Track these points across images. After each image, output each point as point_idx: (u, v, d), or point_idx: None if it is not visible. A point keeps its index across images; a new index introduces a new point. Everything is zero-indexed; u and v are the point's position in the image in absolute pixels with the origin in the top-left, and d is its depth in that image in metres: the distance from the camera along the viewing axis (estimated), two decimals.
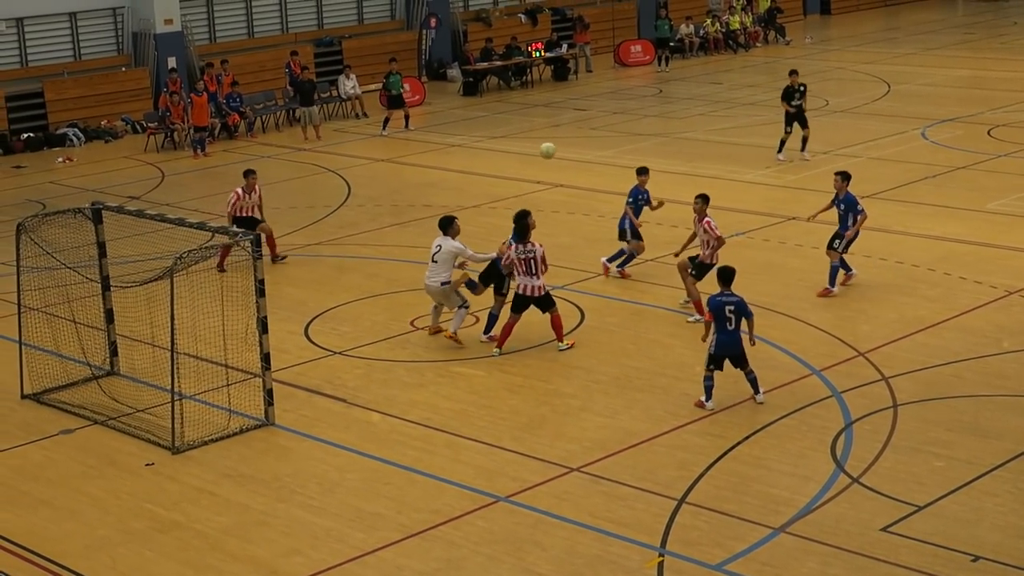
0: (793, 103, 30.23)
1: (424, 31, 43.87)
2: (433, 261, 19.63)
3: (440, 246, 19.68)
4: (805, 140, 30.32)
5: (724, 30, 48.50)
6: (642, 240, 22.23)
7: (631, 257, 22.33)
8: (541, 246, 19.31)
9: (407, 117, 36.62)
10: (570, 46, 44.69)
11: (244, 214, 23.93)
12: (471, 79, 41.77)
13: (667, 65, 45.26)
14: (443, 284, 19.54)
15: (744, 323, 17.13)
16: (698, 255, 20.36)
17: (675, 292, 21.37)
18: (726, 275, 17.29)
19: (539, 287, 19.28)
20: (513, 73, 42.88)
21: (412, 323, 20.74)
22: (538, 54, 43.13)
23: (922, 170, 29.03)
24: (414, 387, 18.36)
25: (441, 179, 30.52)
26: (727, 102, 38.28)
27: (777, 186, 28.53)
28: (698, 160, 30.84)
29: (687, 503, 14.60)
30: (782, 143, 30.40)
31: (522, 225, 19.27)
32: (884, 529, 13.83)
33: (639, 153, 31.86)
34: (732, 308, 17.00)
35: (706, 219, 20.25)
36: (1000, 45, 47.29)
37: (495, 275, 20.04)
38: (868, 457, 15.49)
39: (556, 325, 19.47)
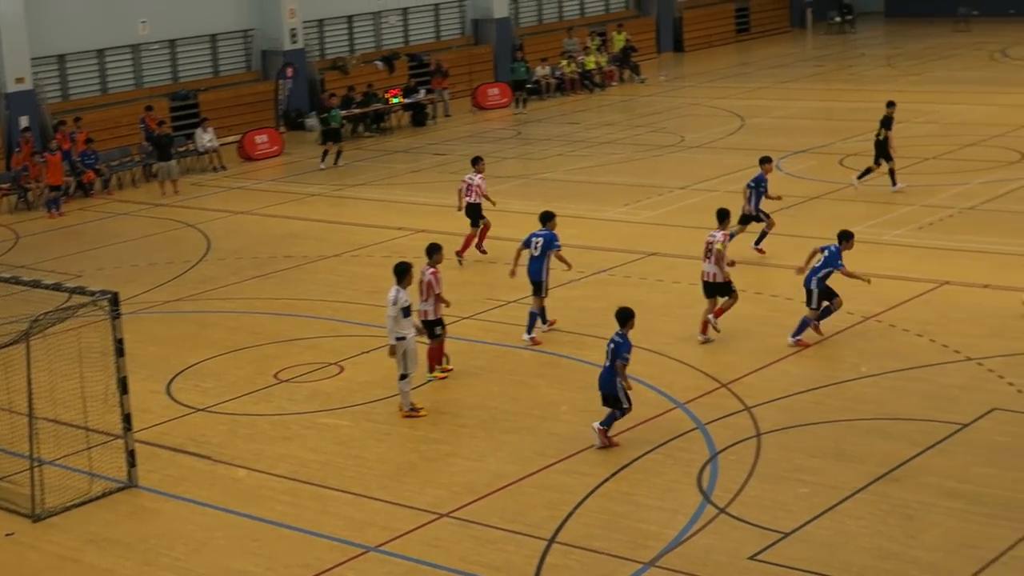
0: (880, 137, 29.52)
1: (280, 81, 43.68)
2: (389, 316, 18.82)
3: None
4: (892, 172, 29.78)
5: (580, 70, 48.98)
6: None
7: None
8: (432, 271, 19.55)
9: (339, 153, 37.69)
10: (428, 91, 44.81)
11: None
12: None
13: (525, 107, 45.59)
14: (398, 339, 18.44)
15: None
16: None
17: (542, 335, 21.46)
18: (622, 315, 17.22)
19: (425, 312, 19.63)
20: (371, 120, 42.84)
21: (276, 375, 20.55)
22: (396, 101, 43.19)
23: (779, 201, 29.44)
24: (280, 440, 18.17)
25: (303, 229, 30.35)
26: (585, 141, 38.63)
27: (636, 223, 28.79)
28: (558, 200, 30.96)
29: (557, 543, 14.61)
30: (867, 171, 29.81)
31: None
32: (752, 557, 13.96)
33: (500, 195, 31.88)
34: (612, 347, 17.03)
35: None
36: (849, 76, 48.34)
37: (532, 282, 21.23)
38: (734, 487, 15.65)
39: (433, 353, 19.82)
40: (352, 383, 20.06)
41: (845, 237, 20.82)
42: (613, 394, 17.06)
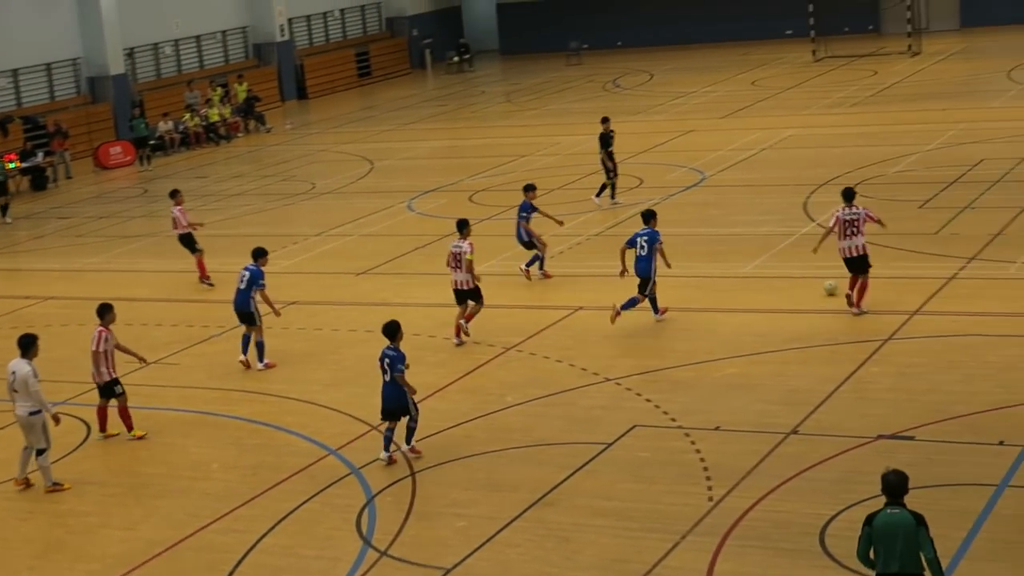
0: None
1: None
2: (12, 390, 17.72)
3: (15, 372, 17.72)
4: (611, 187, 31.58)
5: (204, 123, 48.39)
6: None
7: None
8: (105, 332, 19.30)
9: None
10: (47, 154, 43.37)
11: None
12: None
13: (150, 164, 44.72)
14: (31, 414, 17.52)
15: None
16: None
17: (188, 393, 21.05)
18: (389, 330, 17.88)
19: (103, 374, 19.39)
20: None
21: None
22: (12, 165, 41.63)
23: (413, 241, 29.85)
24: None
25: None
26: (215, 195, 38.15)
27: (274, 273, 28.42)
28: (191, 257, 30.43)
29: None
30: (603, 188, 31.69)
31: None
32: None
33: (131, 256, 31.29)
34: (387, 361, 17.58)
35: None
36: (472, 114, 49.39)
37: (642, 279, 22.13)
38: (393, 528, 15.68)
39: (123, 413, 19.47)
40: None
41: (259, 254, 22.49)
42: (403, 404, 17.52)
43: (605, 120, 32.14)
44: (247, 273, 22.20)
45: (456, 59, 62.18)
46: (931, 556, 11.13)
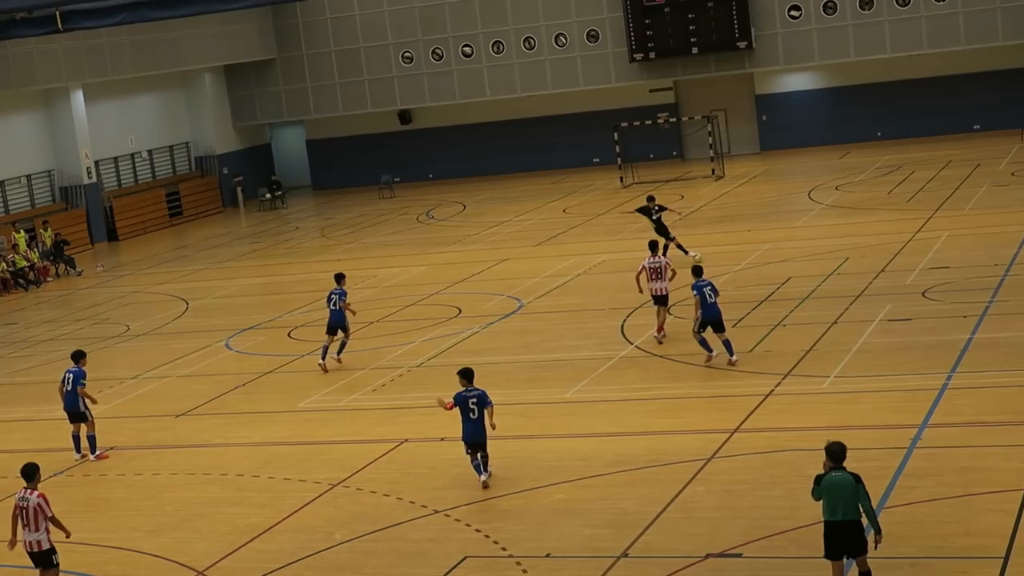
0: None
1: None
2: None
3: None
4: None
5: (12, 268, 47.38)
6: None
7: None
8: (38, 494, 17.47)
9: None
10: None
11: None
12: None
13: None
14: None
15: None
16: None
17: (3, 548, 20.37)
18: (467, 374, 20.90)
19: (39, 543, 17.48)
20: None
21: None
22: None
23: (232, 380, 29.49)
24: None
25: None
26: (25, 341, 37.25)
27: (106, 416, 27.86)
28: (3, 405, 29.65)
29: None
30: None
31: None
32: None
33: None
34: (475, 400, 20.42)
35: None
36: (287, 251, 49.22)
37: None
38: None
39: None
40: None
41: (78, 356, 24.96)
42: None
43: (650, 198, 37.68)
44: (70, 375, 24.61)
45: (268, 196, 62.11)
46: (867, 506, 14.84)
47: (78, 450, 24.71)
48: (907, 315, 28.21)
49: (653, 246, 29.34)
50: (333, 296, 29.07)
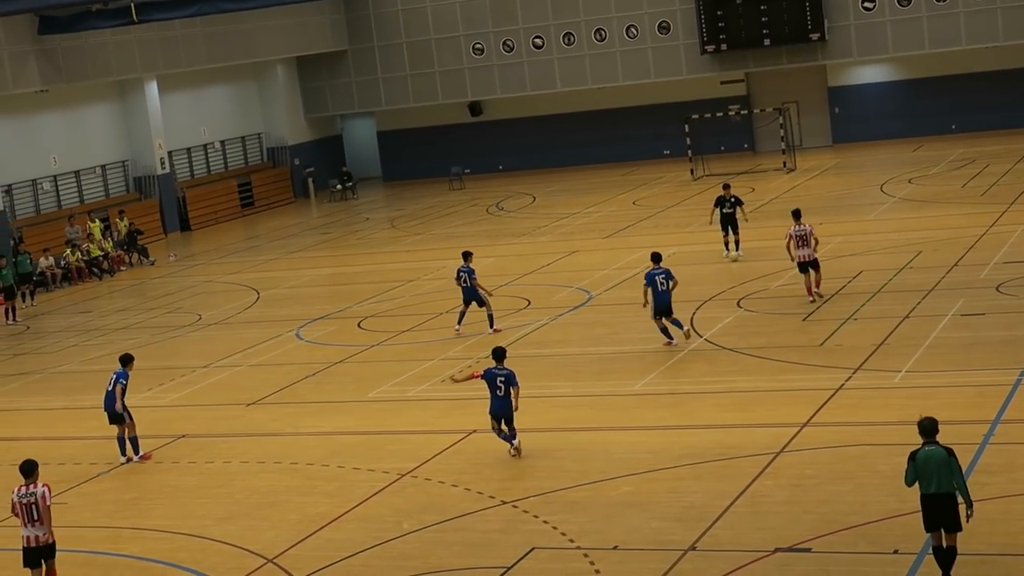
0: None
1: None
2: None
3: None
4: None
5: (87, 258, 47.90)
6: None
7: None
8: (43, 486, 17.55)
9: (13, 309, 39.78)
10: None
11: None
12: None
13: (32, 300, 43.98)
14: None
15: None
16: None
17: (76, 533, 20.58)
18: (499, 353, 21.96)
19: (43, 537, 17.50)
20: None
21: None
22: None
23: (302, 369, 29.66)
24: None
25: None
26: (99, 329, 37.68)
27: (162, 407, 28.18)
28: (75, 393, 29.99)
29: None
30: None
31: None
32: None
33: (12, 395, 30.72)
34: (503, 379, 21.49)
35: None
36: (357, 241, 49.45)
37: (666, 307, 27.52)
38: None
39: None
40: None
41: (126, 360, 24.71)
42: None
43: (725, 186, 37.66)
44: (114, 375, 24.41)
45: (339, 187, 62.38)
46: (960, 480, 15.14)
47: (123, 452, 24.11)
48: (980, 310, 27.92)
49: (797, 214, 30.74)
50: (462, 273, 30.43)
